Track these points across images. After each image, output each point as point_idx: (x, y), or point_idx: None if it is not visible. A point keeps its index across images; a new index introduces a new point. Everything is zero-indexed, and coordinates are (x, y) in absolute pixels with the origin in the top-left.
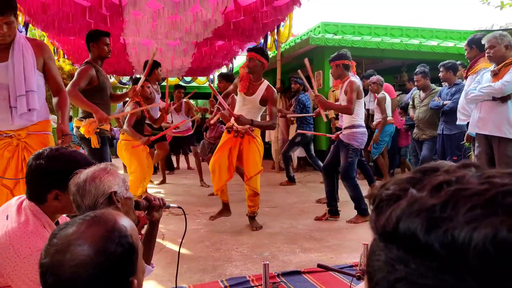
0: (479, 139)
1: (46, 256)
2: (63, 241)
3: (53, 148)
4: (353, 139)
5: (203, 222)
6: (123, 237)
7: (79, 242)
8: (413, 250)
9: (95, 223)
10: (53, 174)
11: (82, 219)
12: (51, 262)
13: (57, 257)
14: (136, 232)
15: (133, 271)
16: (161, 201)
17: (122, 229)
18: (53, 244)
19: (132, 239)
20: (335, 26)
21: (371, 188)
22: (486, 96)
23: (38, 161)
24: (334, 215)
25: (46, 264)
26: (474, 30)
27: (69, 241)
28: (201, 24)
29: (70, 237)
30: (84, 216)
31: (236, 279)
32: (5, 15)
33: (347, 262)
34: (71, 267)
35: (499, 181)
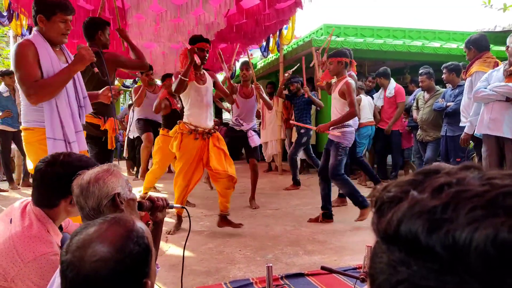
0: (489, 140)
1: (67, 252)
2: (85, 238)
3: (66, 154)
4: (343, 138)
5: (206, 224)
6: (140, 237)
7: (100, 239)
8: (415, 252)
9: (116, 223)
10: (70, 179)
11: (103, 219)
12: (72, 258)
13: (79, 252)
14: (151, 236)
15: (148, 273)
16: (165, 201)
17: (140, 230)
18: (75, 241)
19: (148, 240)
20: (338, 28)
21: (374, 189)
22: (499, 96)
23: (54, 167)
24: (328, 219)
25: (67, 261)
26: (477, 32)
27: (91, 239)
28: (204, 27)
29: (92, 235)
30: (104, 218)
31: (239, 282)
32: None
33: (351, 264)
34: (92, 262)
35: (499, 182)
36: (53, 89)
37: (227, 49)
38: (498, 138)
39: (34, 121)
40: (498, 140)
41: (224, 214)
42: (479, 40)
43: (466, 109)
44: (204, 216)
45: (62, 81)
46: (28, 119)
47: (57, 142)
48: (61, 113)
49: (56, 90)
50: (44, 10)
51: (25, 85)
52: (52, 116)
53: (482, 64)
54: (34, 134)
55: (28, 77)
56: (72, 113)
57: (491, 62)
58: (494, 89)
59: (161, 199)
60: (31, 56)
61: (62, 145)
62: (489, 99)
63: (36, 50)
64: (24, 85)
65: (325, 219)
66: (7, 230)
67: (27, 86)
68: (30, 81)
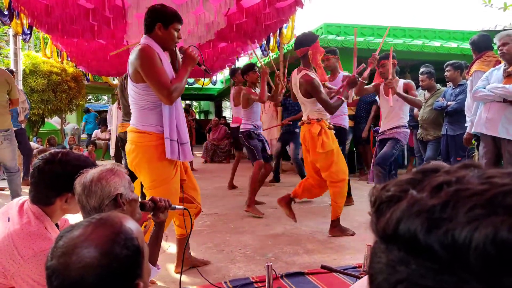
0: (486, 139)
1: (52, 258)
2: (69, 243)
3: (64, 152)
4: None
5: (206, 223)
6: (129, 240)
7: (85, 244)
8: (414, 251)
9: (101, 225)
10: (66, 177)
11: (88, 221)
12: (57, 265)
13: (63, 259)
14: (142, 235)
15: (139, 274)
16: (167, 202)
17: (128, 231)
18: (59, 246)
19: (138, 241)
20: (338, 27)
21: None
22: (497, 97)
23: (51, 165)
24: None
25: (52, 267)
26: (477, 31)
27: (75, 244)
28: (204, 26)
29: (76, 240)
30: (90, 219)
31: (239, 281)
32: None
33: (351, 263)
34: (77, 269)
35: (499, 181)
36: (182, 90)
37: (227, 48)
38: (494, 137)
39: (151, 125)
40: (495, 139)
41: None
42: (477, 41)
43: (469, 108)
44: (204, 215)
45: (185, 81)
46: (145, 123)
47: (173, 143)
48: (176, 115)
49: (183, 91)
50: (164, 19)
51: (165, 89)
52: (171, 118)
53: (482, 63)
54: (151, 138)
55: (166, 81)
56: (184, 119)
57: (491, 61)
58: (492, 90)
59: (163, 200)
60: (159, 61)
61: (176, 146)
62: (487, 99)
63: (158, 55)
64: (165, 89)
65: None
66: (5, 228)
67: (167, 90)
68: (169, 85)
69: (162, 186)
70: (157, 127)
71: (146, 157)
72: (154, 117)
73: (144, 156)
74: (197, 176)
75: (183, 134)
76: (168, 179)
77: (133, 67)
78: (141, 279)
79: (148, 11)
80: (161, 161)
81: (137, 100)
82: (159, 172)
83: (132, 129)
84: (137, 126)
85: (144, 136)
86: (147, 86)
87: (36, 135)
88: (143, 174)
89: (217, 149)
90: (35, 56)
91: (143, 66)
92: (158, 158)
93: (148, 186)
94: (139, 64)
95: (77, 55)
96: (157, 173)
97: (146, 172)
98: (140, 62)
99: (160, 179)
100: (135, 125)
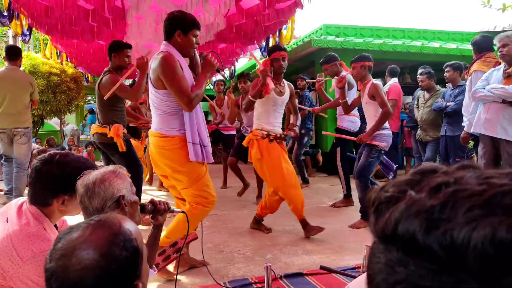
0: (485, 139)
1: (51, 260)
2: (68, 246)
3: (63, 154)
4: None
5: (205, 224)
6: (127, 241)
7: (84, 246)
8: (413, 251)
9: (100, 227)
10: (64, 179)
11: (87, 223)
12: (56, 267)
13: (62, 261)
14: (141, 236)
15: (138, 275)
16: (166, 205)
17: (127, 233)
18: (58, 248)
19: (137, 242)
20: (337, 28)
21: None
22: (496, 97)
23: (49, 166)
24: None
25: (51, 269)
26: (477, 32)
27: (74, 246)
28: (204, 27)
29: (75, 242)
30: (88, 220)
31: (238, 281)
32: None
33: (350, 264)
34: (76, 271)
35: (497, 181)
36: (201, 97)
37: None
38: (493, 138)
39: (174, 129)
40: (494, 140)
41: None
42: (479, 41)
43: (466, 108)
44: None
45: (204, 88)
46: (168, 127)
47: (196, 146)
48: (196, 120)
49: (202, 97)
50: (183, 26)
51: (185, 96)
52: (191, 123)
53: (482, 63)
54: (175, 141)
55: (187, 88)
56: (204, 121)
57: (491, 62)
58: (491, 90)
59: (162, 203)
60: (180, 69)
61: (199, 149)
62: (486, 100)
63: (179, 62)
64: (185, 97)
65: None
66: (4, 229)
67: (188, 97)
68: (189, 93)
69: (195, 184)
70: (180, 130)
71: (178, 160)
72: (176, 121)
73: (174, 160)
74: None
75: (203, 137)
76: (200, 176)
77: (155, 74)
78: (140, 280)
79: (167, 18)
80: (190, 161)
81: (159, 105)
82: (190, 171)
83: (155, 133)
84: (160, 131)
85: (169, 141)
86: (168, 93)
87: (35, 136)
88: (179, 176)
89: (216, 150)
90: (35, 57)
91: (165, 73)
92: (186, 159)
93: (183, 186)
94: (161, 71)
95: (77, 56)
96: (189, 173)
97: (178, 173)
98: (162, 70)
99: (193, 177)
100: (158, 130)
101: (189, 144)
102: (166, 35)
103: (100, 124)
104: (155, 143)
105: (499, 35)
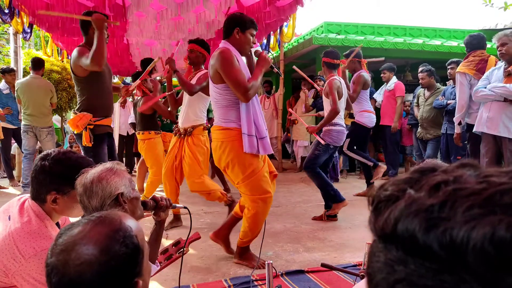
0: (487, 138)
1: (52, 255)
2: (68, 241)
3: (61, 151)
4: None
5: (206, 221)
6: (127, 237)
7: (84, 241)
8: (412, 250)
9: (101, 223)
10: (54, 176)
11: (88, 219)
12: (56, 262)
13: (62, 256)
14: (142, 234)
15: (138, 272)
16: (168, 201)
17: (127, 229)
18: (59, 243)
19: (137, 239)
20: (338, 26)
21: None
22: (497, 96)
23: (43, 162)
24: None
25: (51, 264)
26: (478, 30)
27: (74, 241)
28: (204, 25)
29: (75, 237)
30: (90, 217)
31: (239, 279)
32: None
33: (351, 261)
34: (76, 266)
35: (496, 180)
36: (257, 88)
37: None
38: (495, 136)
39: (232, 121)
40: (496, 138)
41: None
42: (469, 40)
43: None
44: (204, 214)
45: (259, 80)
46: (227, 119)
47: (251, 138)
48: (253, 111)
49: (258, 89)
50: (242, 24)
51: (242, 87)
52: (248, 114)
53: (463, 64)
54: (233, 133)
55: (244, 79)
56: (261, 113)
57: (474, 61)
58: (492, 89)
59: (164, 199)
60: (236, 62)
61: (254, 140)
62: (487, 99)
63: (236, 57)
64: (242, 87)
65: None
66: (6, 227)
67: (244, 88)
68: (245, 83)
69: (252, 177)
70: (237, 122)
71: (234, 152)
72: (233, 113)
73: (232, 151)
74: None
75: (261, 129)
76: (257, 170)
77: (213, 69)
78: (141, 277)
79: (227, 18)
80: (246, 154)
81: (219, 99)
82: (247, 163)
83: (216, 127)
84: (220, 123)
85: (228, 132)
86: (226, 86)
87: None
88: (235, 168)
89: None
90: (36, 55)
91: (222, 66)
92: (242, 151)
93: (240, 179)
94: (218, 65)
95: None
96: (246, 165)
97: (237, 166)
98: (219, 63)
99: (250, 170)
100: (218, 122)
101: (243, 136)
102: (225, 34)
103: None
104: (215, 136)
105: (498, 34)
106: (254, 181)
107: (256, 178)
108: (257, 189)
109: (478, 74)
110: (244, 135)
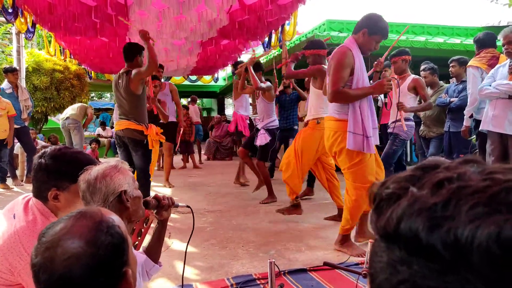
0: (493, 136)
1: (36, 255)
2: (52, 238)
3: (57, 147)
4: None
5: (209, 220)
6: (111, 227)
7: (69, 236)
8: (415, 250)
9: (82, 217)
10: (52, 173)
11: (69, 216)
12: (42, 260)
13: (48, 253)
14: (123, 225)
15: (125, 261)
16: (170, 200)
17: (110, 220)
18: (43, 242)
19: (121, 229)
20: (340, 24)
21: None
22: (503, 94)
23: (40, 160)
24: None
25: (38, 263)
26: (481, 27)
27: (59, 237)
28: (206, 23)
29: (59, 233)
30: (70, 214)
31: (242, 277)
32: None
33: (353, 260)
34: (64, 261)
35: (501, 177)
36: (349, 99)
37: (230, 46)
38: (501, 134)
39: (345, 113)
40: (502, 136)
41: None
42: (481, 38)
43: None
44: (207, 212)
45: (358, 96)
46: (340, 111)
47: (357, 136)
48: (362, 111)
49: (351, 100)
50: (371, 27)
51: (334, 86)
52: (355, 113)
53: (475, 59)
54: (344, 125)
55: (339, 82)
56: (372, 112)
57: (485, 57)
58: (497, 87)
59: (167, 198)
60: (346, 64)
61: (360, 139)
62: (492, 96)
63: (353, 56)
64: (333, 87)
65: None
66: (11, 225)
67: (335, 90)
68: (339, 86)
69: (360, 165)
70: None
71: (345, 142)
72: (346, 106)
73: (343, 142)
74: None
75: (368, 128)
76: (365, 159)
77: (329, 64)
78: (129, 266)
79: (363, 16)
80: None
81: None
82: (355, 154)
83: (330, 117)
84: (333, 114)
85: (342, 123)
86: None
87: (39, 132)
88: (343, 156)
89: (219, 147)
90: (38, 54)
91: (333, 63)
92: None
93: (347, 167)
94: (332, 61)
95: (80, 53)
96: (354, 156)
97: (345, 154)
98: (332, 60)
99: (357, 160)
100: (332, 114)
101: (348, 134)
102: (355, 29)
103: (136, 122)
104: (329, 127)
105: (504, 30)
106: (360, 170)
107: (362, 168)
108: (361, 178)
109: (490, 70)
110: (349, 134)
